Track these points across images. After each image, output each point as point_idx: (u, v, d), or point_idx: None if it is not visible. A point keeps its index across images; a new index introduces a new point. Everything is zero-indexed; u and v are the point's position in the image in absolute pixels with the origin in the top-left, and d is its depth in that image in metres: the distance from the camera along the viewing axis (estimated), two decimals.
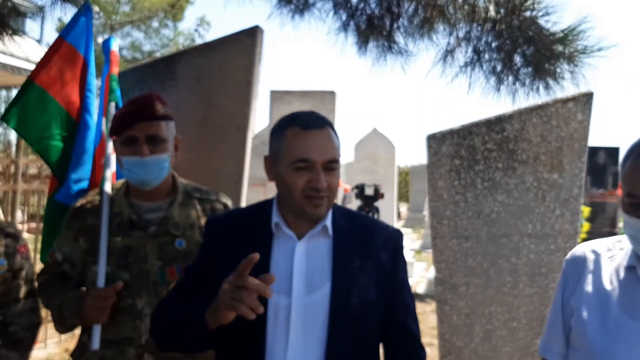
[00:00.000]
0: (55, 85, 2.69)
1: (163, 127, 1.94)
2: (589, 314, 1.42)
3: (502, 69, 2.42)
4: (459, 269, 2.60)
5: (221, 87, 2.86)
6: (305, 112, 1.55)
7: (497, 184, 2.55)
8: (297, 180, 1.46)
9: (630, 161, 1.34)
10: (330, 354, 1.44)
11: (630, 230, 1.35)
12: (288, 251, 1.52)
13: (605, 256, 1.49)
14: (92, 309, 1.82)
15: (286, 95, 7.97)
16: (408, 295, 1.63)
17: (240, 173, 2.86)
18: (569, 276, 1.54)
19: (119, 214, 1.97)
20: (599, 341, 1.38)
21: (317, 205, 1.47)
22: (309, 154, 1.45)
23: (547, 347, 1.60)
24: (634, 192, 1.30)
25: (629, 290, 1.39)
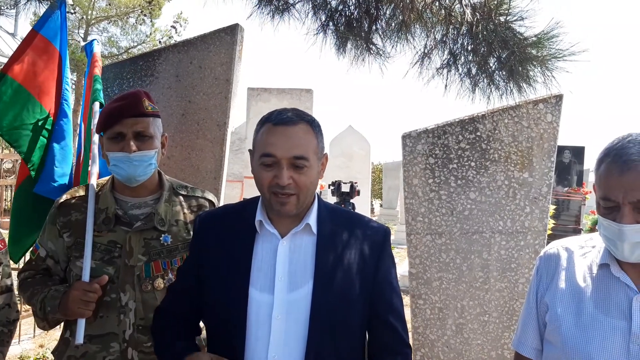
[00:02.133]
0: (28, 77, 2.69)
1: (150, 123, 1.97)
2: (563, 310, 1.47)
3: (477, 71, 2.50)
4: (432, 264, 2.68)
5: (201, 84, 2.89)
6: (286, 108, 1.56)
7: (470, 182, 2.63)
8: (264, 175, 1.49)
9: (604, 165, 1.36)
10: (310, 351, 1.46)
11: (605, 232, 1.39)
12: (271, 249, 1.54)
13: (578, 254, 1.54)
14: (76, 302, 1.83)
15: (263, 92, 7.97)
16: (393, 293, 1.62)
17: (219, 169, 2.90)
18: (542, 273, 1.59)
19: (104, 209, 1.98)
20: (573, 336, 1.43)
21: (282, 203, 1.48)
22: (273, 150, 1.47)
23: (522, 342, 1.65)
24: (609, 196, 1.34)
25: (602, 287, 1.44)
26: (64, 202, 2.03)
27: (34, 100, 2.70)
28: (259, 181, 1.51)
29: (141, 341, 1.91)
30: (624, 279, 1.41)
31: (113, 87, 2.98)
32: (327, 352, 1.49)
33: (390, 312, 1.60)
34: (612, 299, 1.42)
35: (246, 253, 1.54)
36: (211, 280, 1.57)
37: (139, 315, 1.91)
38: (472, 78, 2.55)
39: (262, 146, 1.50)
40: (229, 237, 1.58)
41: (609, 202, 1.34)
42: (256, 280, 1.51)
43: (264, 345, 1.47)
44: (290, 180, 1.47)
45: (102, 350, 1.90)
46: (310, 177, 1.51)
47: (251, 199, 1.67)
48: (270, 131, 1.49)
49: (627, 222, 1.31)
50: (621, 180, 1.31)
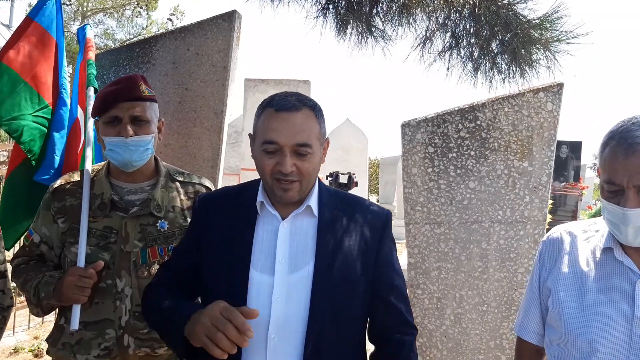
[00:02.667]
0: (25, 66, 2.66)
1: (147, 108, 1.94)
2: (565, 295, 1.46)
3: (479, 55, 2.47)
4: (431, 254, 2.66)
5: (198, 72, 2.86)
6: (288, 92, 1.53)
7: (470, 172, 2.61)
8: (266, 162, 1.47)
9: (609, 148, 1.34)
10: (311, 331, 1.45)
11: (608, 216, 1.37)
12: (272, 230, 1.53)
13: (581, 238, 1.53)
14: (71, 288, 1.80)
15: (260, 83, 7.91)
16: (394, 275, 1.60)
17: (216, 158, 2.87)
18: (545, 258, 1.58)
19: (100, 194, 1.96)
20: (575, 321, 1.42)
21: (285, 190, 1.47)
22: (276, 137, 1.44)
23: (524, 326, 1.65)
24: (613, 179, 1.32)
25: (605, 271, 1.43)
26: (59, 188, 2.00)
27: (32, 90, 2.67)
28: (261, 168, 1.50)
29: (137, 327, 1.89)
30: (627, 263, 1.39)
31: (109, 74, 2.94)
32: (328, 334, 1.47)
33: (392, 293, 1.59)
34: (615, 283, 1.40)
35: (247, 234, 1.52)
36: (211, 261, 1.55)
37: (135, 302, 1.89)
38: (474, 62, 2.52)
39: (263, 132, 1.47)
40: (230, 219, 1.57)
41: (613, 185, 1.33)
42: (257, 262, 1.50)
43: (264, 327, 1.46)
44: (294, 168, 1.45)
45: (98, 336, 1.88)
46: (313, 163, 1.50)
47: (251, 181, 1.65)
48: (272, 117, 1.47)
49: (631, 206, 1.30)
50: (626, 164, 1.29)
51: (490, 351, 2.62)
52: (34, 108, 2.67)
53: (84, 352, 1.88)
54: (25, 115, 2.64)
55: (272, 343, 1.45)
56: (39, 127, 2.67)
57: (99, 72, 2.95)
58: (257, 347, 1.46)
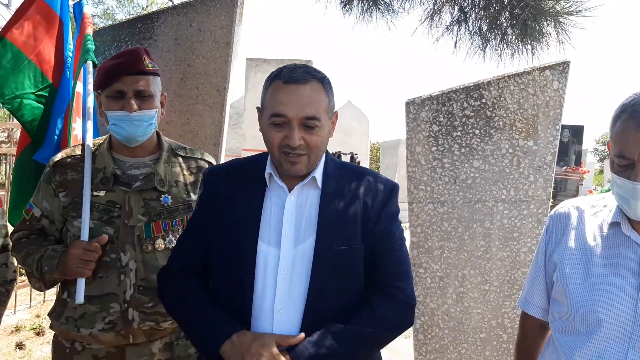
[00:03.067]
0: (29, 44, 2.63)
1: (151, 82, 1.92)
2: (571, 269, 1.45)
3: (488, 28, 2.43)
4: (434, 233, 2.66)
5: (200, 48, 2.83)
6: (296, 64, 1.50)
7: (474, 150, 2.59)
8: (274, 135, 1.46)
9: (621, 121, 1.32)
10: (311, 299, 1.45)
11: (618, 190, 1.36)
12: (279, 203, 1.52)
13: (589, 213, 1.52)
14: (76, 261, 1.79)
15: (262, 63, 7.86)
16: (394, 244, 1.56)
17: (218, 135, 2.85)
18: (552, 232, 1.57)
19: (102, 168, 1.94)
20: (580, 295, 1.41)
21: (293, 163, 1.46)
22: (284, 109, 1.43)
23: (528, 301, 1.64)
24: (625, 153, 1.30)
25: (612, 246, 1.42)
26: (60, 161, 1.98)
27: (36, 68, 2.65)
28: (269, 141, 1.48)
29: (142, 302, 1.88)
30: (634, 237, 1.38)
31: (111, 50, 2.91)
32: (328, 304, 1.47)
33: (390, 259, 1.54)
34: (621, 257, 1.39)
35: (256, 207, 1.52)
36: (221, 233, 1.54)
37: (139, 276, 1.88)
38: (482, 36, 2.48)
39: (272, 105, 1.46)
40: (239, 191, 1.56)
41: (624, 159, 1.31)
42: (265, 234, 1.50)
43: (271, 298, 1.46)
44: (302, 141, 1.44)
45: (102, 310, 1.87)
46: (321, 136, 1.48)
47: (260, 154, 1.63)
48: (280, 89, 1.45)
49: None
50: (638, 137, 1.27)
51: (492, 330, 2.62)
52: (36, 87, 2.65)
53: (88, 326, 1.87)
54: (28, 94, 2.62)
55: (277, 315, 1.46)
56: (41, 107, 2.65)
57: (101, 48, 2.93)
58: (265, 320, 1.47)
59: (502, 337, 2.62)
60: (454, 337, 2.66)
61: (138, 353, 1.92)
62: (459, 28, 2.51)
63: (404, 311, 1.54)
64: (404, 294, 1.53)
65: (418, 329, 2.69)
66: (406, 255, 1.59)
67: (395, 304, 1.52)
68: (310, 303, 1.45)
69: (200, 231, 1.60)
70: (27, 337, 4.56)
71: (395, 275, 1.54)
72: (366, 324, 1.47)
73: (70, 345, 1.93)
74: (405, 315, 1.55)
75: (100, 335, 1.87)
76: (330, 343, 1.42)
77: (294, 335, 1.43)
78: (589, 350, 1.38)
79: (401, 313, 1.54)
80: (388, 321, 1.50)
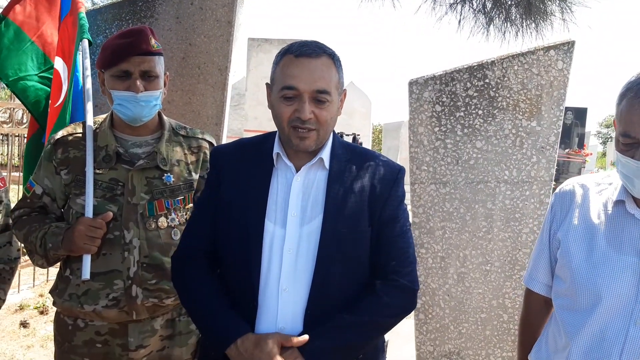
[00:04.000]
0: (31, 25, 2.62)
1: (157, 62, 1.92)
2: (575, 247, 1.46)
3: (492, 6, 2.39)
4: (436, 214, 2.66)
5: (202, 27, 2.81)
6: (307, 40, 1.50)
7: (477, 131, 2.58)
8: (284, 109, 1.45)
9: (627, 100, 1.31)
10: (317, 279, 1.46)
11: (623, 169, 1.36)
12: (286, 183, 1.52)
13: (594, 191, 1.52)
14: (82, 238, 1.81)
15: (264, 43, 7.80)
16: (400, 228, 1.57)
17: (220, 115, 2.84)
18: (557, 209, 1.57)
19: (104, 147, 1.94)
20: (583, 273, 1.42)
21: (302, 138, 1.45)
22: (295, 82, 1.42)
23: (532, 277, 1.66)
24: (630, 132, 1.30)
25: (616, 224, 1.42)
26: (61, 139, 1.98)
27: (38, 50, 2.64)
28: (279, 115, 1.47)
29: (145, 278, 1.90)
30: (638, 215, 1.39)
31: (111, 29, 2.89)
32: (334, 284, 1.48)
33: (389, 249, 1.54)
34: (625, 235, 1.40)
35: (263, 186, 1.52)
36: (228, 212, 1.54)
37: (143, 253, 1.89)
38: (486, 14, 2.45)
39: (282, 78, 1.45)
40: (246, 169, 1.56)
41: (629, 138, 1.30)
42: (272, 214, 1.50)
43: (276, 278, 1.47)
44: (312, 115, 1.44)
45: (106, 287, 1.89)
46: (331, 112, 1.48)
47: (268, 133, 1.63)
48: (292, 63, 1.44)
49: None
50: None
51: (493, 310, 2.64)
52: (39, 68, 2.64)
53: (92, 303, 1.89)
54: (31, 75, 2.62)
55: (283, 294, 1.47)
56: (45, 88, 2.64)
57: (102, 26, 2.91)
58: (270, 299, 1.48)
59: (502, 317, 2.63)
60: (455, 317, 2.68)
61: (140, 329, 1.94)
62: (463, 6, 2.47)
63: (407, 297, 1.56)
64: (407, 279, 1.54)
65: (419, 309, 2.70)
66: (411, 240, 1.60)
67: (400, 290, 1.53)
68: (316, 283, 1.46)
69: (209, 212, 1.60)
70: (31, 315, 4.60)
71: (400, 261, 1.55)
72: (371, 312, 1.48)
73: (73, 322, 1.95)
74: (409, 301, 1.57)
75: (104, 311, 1.88)
76: (338, 335, 1.44)
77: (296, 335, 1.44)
78: (590, 327, 1.39)
79: (405, 299, 1.55)
80: (393, 308, 1.52)
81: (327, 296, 1.47)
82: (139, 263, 1.89)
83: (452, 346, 2.70)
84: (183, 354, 2.02)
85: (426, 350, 2.73)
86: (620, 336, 1.35)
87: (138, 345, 1.93)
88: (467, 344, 2.68)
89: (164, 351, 2.00)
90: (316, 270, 1.46)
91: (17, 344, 4.08)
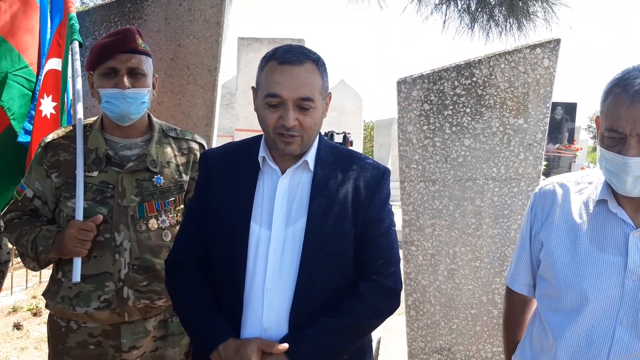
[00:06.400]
0: (5, 27, 2.61)
1: (144, 61, 1.93)
2: (558, 248, 1.47)
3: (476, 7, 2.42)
4: (425, 211, 2.68)
5: (191, 27, 2.82)
6: (292, 45, 1.51)
7: (465, 129, 2.61)
8: (269, 116, 1.47)
9: (613, 96, 1.32)
10: (301, 280, 1.48)
11: (607, 165, 1.36)
12: (272, 186, 1.55)
13: (574, 190, 1.53)
14: (72, 241, 1.82)
15: (254, 42, 7.80)
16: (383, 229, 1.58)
17: (210, 116, 2.85)
18: (537, 210, 1.58)
19: (94, 149, 1.95)
20: (567, 273, 1.43)
21: (287, 143, 1.48)
22: (279, 90, 1.44)
23: (514, 278, 1.67)
24: (616, 127, 1.30)
25: (599, 224, 1.43)
26: (51, 142, 1.99)
27: (12, 49, 2.63)
28: (264, 121, 1.50)
29: (137, 280, 1.91)
30: (621, 214, 1.40)
31: (100, 30, 2.89)
32: (318, 285, 1.50)
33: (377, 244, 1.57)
34: (608, 235, 1.41)
35: (249, 189, 1.55)
36: (216, 213, 1.57)
37: (134, 255, 1.91)
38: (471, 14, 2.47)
39: (267, 85, 1.47)
40: (233, 173, 1.58)
41: (615, 133, 1.31)
42: (257, 216, 1.53)
43: (261, 278, 1.50)
44: (296, 122, 1.45)
45: (97, 289, 1.90)
46: (315, 118, 1.50)
47: (255, 137, 1.65)
48: (275, 70, 1.46)
49: (632, 154, 1.28)
50: (630, 111, 1.27)
51: (483, 306, 2.67)
52: (13, 67, 2.64)
53: (84, 305, 1.90)
54: (4, 73, 2.61)
55: (268, 295, 1.49)
56: (18, 86, 2.64)
57: (91, 28, 2.91)
58: (255, 300, 1.50)
59: (492, 312, 2.66)
60: (445, 313, 2.71)
61: (133, 330, 1.95)
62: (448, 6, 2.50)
63: (390, 298, 1.58)
64: (390, 280, 1.57)
65: (410, 306, 2.73)
66: (395, 241, 1.62)
67: (383, 290, 1.55)
68: (300, 283, 1.48)
69: (200, 216, 1.62)
70: (24, 317, 4.60)
71: (383, 261, 1.57)
72: (355, 314, 1.51)
73: (66, 324, 1.96)
74: (392, 301, 1.59)
75: (96, 313, 1.90)
76: (323, 339, 1.47)
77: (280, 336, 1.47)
78: (577, 327, 1.40)
79: (388, 300, 1.58)
80: (376, 309, 1.55)
81: (311, 296, 1.49)
82: (130, 265, 1.90)
83: (443, 342, 2.73)
84: (176, 355, 2.04)
85: (417, 347, 2.76)
86: (607, 336, 1.36)
87: (131, 346, 1.94)
88: (458, 339, 2.71)
89: (157, 352, 2.01)
90: (300, 271, 1.48)
91: (11, 346, 4.08)
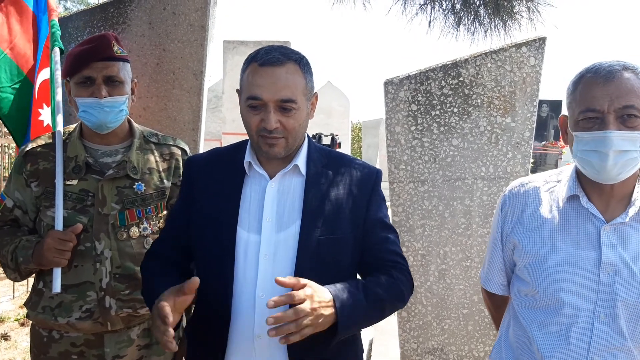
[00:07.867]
0: (3, 38, 2.58)
1: (121, 68, 1.90)
2: (532, 247, 1.48)
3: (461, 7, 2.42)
4: (415, 212, 2.67)
5: (175, 32, 2.79)
6: (274, 46, 1.49)
7: (453, 129, 2.60)
8: (251, 119, 1.46)
9: (584, 80, 1.36)
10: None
11: (584, 146, 1.36)
12: (259, 191, 1.52)
13: (544, 189, 1.54)
14: (51, 251, 1.79)
15: (240, 45, 7.76)
16: (385, 230, 1.59)
17: (197, 120, 2.82)
18: (507, 212, 1.58)
19: (74, 157, 1.92)
20: (543, 272, 1.43)
21: (271, 145, 1.46)
22: (259, 92, 1.42)
23: (489, 279, 1.70)
24: (593, 106, 1.33)
25: (570, 220, 1.44)
26: (30, 151, 1.96)
27: (11, 62, 2.60)
28: (247, 124, 1.48)
29: (118, 289, 1.88)
30: (592, 209, 1.41)
31: (83, 36, 2.85)
32: None
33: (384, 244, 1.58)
34: (580, 231, 1.42)
35: (234, 194, 1.52)
36: (201, 221, 1.55)
37: (115, 264, 1.88)
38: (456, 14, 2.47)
39: (248, 88, 1.45)
40: (218, 179, 1.56)
41: (592, 112, 1.33)
42: (244, 221, 1.50)
43: (252, 285, 1.47)
44: (278, 124, 1.43)
45: (79, 299, 1.87)
46: (299, 119, 1.47)
47: (240, 142, 1.63)
48: (256, 72, 1.44)
49: (612, 129, 1.31)
50: (607, 89, 1.31)
51: (474, 305, 2.66)
52: (12, 80, 2.61)
53: (65, 315, 1.87)
54: (5, 87, 2.59)
55: (259, 301, 1.46)
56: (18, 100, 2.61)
57: (73, 34, 2.87)
58: (246, 306, 1.47)
59: (484, 311, 2.66)
60: (437, 314, 2.70)
61: (117, 339, 1.92)
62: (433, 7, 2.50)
63: (411, 283, 1.61)
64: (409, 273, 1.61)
65: None
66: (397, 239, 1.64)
67: (406, 275, 1.58)
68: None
69: (180, 222, 1.60)
70: (11, 327, 4.54)
71: (399, 257, 1.60)
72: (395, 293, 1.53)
73: (48, 334, 1.93)
74: (411, 287, 1.61)
75: (78, 323, 1.87)
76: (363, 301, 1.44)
77: None
78: (556, 324, 1.41)
79: (410, 285, 1.60)
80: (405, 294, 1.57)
81: None
82: (111, 274, 1.88)
83: (436, 342, 2.72)
84: None
85: (410, 348, 2.75)
86: (586, 331, 1.37)
87: (115, 355, 1.92)
88: (450, 339, 2.71)
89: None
90: (296, 276, 1.45)
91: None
